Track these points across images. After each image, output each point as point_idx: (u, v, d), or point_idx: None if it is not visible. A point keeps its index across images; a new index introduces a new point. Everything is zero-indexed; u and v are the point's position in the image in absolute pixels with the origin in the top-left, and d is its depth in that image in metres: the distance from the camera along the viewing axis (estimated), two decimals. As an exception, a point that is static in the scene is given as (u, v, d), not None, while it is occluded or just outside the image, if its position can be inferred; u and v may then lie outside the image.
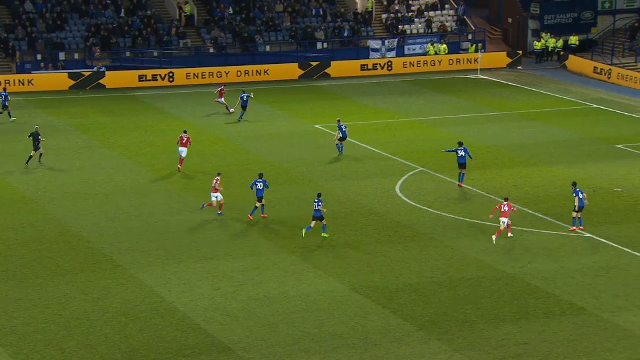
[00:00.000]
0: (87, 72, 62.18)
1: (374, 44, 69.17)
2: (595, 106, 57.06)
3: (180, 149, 42.86)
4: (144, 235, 35.27)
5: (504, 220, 34.17)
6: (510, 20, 74.37)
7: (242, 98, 52.58)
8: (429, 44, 69.52)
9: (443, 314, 28.38)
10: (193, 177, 42.70)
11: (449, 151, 41.45)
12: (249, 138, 49.34)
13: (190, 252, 33.36)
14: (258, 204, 36.59)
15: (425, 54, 69.39)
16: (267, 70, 64.78)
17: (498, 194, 39.63)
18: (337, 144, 45.47)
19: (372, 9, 72.14)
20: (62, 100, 58.74)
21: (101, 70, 62.52)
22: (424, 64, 68.14)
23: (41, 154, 44.09)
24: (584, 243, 34.18)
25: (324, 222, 34.82)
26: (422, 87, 63.10)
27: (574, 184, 35.87)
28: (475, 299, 29.44)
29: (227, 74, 64.16)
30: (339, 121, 46.13)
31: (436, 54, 69.10)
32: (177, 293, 30.06)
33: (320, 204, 34.49)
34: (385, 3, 73.21)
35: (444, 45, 69.46)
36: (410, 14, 72.45)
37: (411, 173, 42.65)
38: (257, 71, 64.63)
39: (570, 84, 63.50)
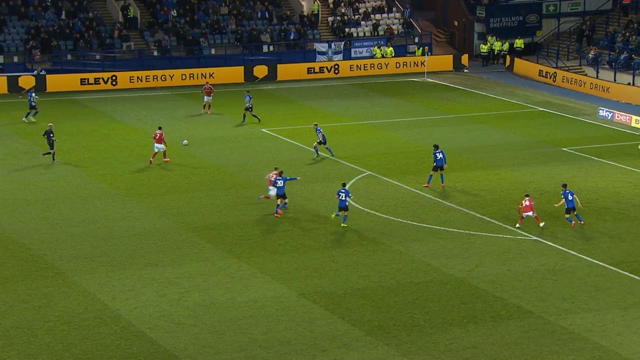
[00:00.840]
0: (25, 75, 61.38)
1: (320, 46, 69.29)
2: (541, 109, 57.77)
3: (156, 145, 44.23)
4: (86, 241, 34.87)
5: (529, 214, 35.47)
6: (456, 23, 75.00)
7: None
8: (376, 47, 69.81)
9: (391, 319, 28.47)
10: (139, 182, 42.35)
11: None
12: (195, 142, 49.06)
13: (134, 258, 33.06)
14: (279, 201, 37.50)
15: (372, 56, 69.67)
16: (213, 73, 64.52)
17: (445, 197, 39.88)
18: (315, 147, 45.92)
19: (317, 11, 72.26)
20: (1, 104, 57.89)
21: (41, 73, 61.74)
22: (371, 66, 68.41)
23: (53, 153, 45.00)
24: (531, 246, 34.54)
25: (347, 213, 35.96)
26: (369, 90, 63.32)
27: (564, 185, 36.80)
28: (423, 303, 29.58)
29: (171, 77, 63.80)
30: (316, 125, 46.18)
31: (383, 56, 69.41)
32: (121, 300, 29.76)
33: (346, 194, 35.94)
34: (332, 6, 73.38)
35: (391, 48, 69.80)
36: (357, 16, 72.70)
37: (358, 177, 42.76)
38: (202, 74, 64.33)
39: (516, 87, 64.21)
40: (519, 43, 70.99)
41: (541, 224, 36.03)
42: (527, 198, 36.03)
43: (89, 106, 57.91)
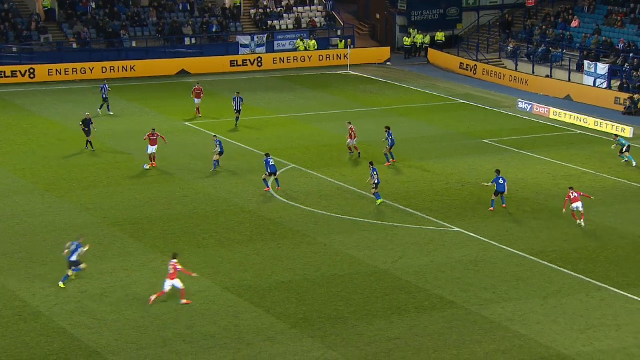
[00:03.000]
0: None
1: (243, 39, 69.01)
2: (462, 101, 58.48)
3: (150, 146, 42.89)
4: (4, 237, 34.22)
5: (577, 205, 35.46)
6: (378, 16, 75.43)
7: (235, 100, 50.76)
8: (298, 40, 69.82)
9: (316, 311, 28.56)
10: (59, 177, 41.68)
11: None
12: (116, 136, 48.49)
13: (55, 254, 32.53)
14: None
15: (295, 49, 69.67)
16: (134, 66, 63.80)
17: (370, 189, 40.13)
18: (215, 160, 42.75)
19: (240, 4, 71.96)
20: None
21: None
22: (294, 59, 68.40)
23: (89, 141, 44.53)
24: (453, 237, 34.98)
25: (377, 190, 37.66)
26: (292, 83, 63.30)
27: (498, 171, 37.81)
28: (347, 296, 29.73)
29: (91, 70, 62.91)
30: (215, 137, 43.71)
31: (306, 49, 69.47)
32: (41, 297, 29.29)
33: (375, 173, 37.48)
34: (254, -2, 73.22)
35: (314, 41, 69.89)
36: (279, 9, 72.59)
37: (282, 170, 42.75)
38: (122, 67, 63.57)
39: (437, 80, 64.87)
40: (440, 36, 71.70)
41: (581, 222, 35.36)
42: (575, 190, 35.84)
43: (6, 99, 56.77)
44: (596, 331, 27.08)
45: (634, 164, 41.00)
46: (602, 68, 59.12)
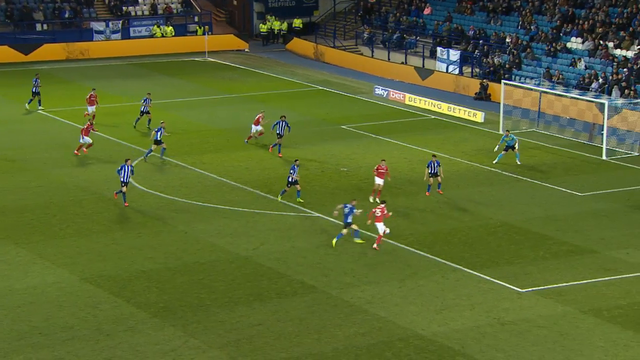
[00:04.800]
0: None
1: (97, 25, 67.56)
2: (320, 87, 58.95)
3: (84, 137, 41.51)
4: None
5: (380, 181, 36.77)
6: (235, 2, 75.12)
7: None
8: (155, 26, 68.87)
9: (177, 300, 28.34)
10: None
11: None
12: (-35, 124, 46.78)
13: None
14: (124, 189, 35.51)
15: (152, 36, 68.69)
16: (-18, 52, 61.65)
17: (230, 177, 40.02)
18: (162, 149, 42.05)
19: (94, -11, 70.45)
20: None
21: None
22: (151, 46, 67.43)
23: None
24: (313, 223, 35.28)
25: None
26: (149, 70, 62.42)
27: (434, 155, 38.32)
28: (209, 283, 29.62)
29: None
30: (162, 123, 42.72)
31: (163, 36, 68.58)
32: None
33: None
34: (109, -17, 71.75)
35: (170, 27, 69.10)
36: (135, -5, 71.46)
37: (141, 157, 42.13)
38: (-30, 53, 61.38)
39: (296, 66, 65.17)
40: (297, 23, 72.04)
41: None
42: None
43: None
44: (451, 311, 27.84)
45: (519, 162, 41.61)
46: (454, 54, 60.64)
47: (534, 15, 60.64)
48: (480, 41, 60.58)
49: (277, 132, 43.38)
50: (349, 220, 32.49)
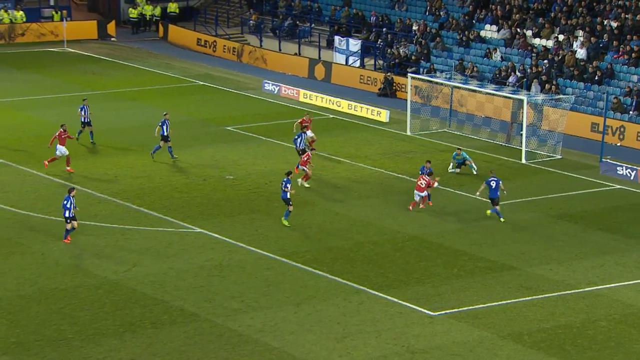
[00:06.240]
0: None
1: None
2: (201, 83, 58.84)
3: (59, 147, 40.92)
4: None
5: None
6: (98, -18, 74.48)
7: None
8: (2, 11, 67.66)
9: (32, 333, 27.92)
10: None
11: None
12: None
13: None
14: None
15: None
16: None
17: (96, 187, 39.60)
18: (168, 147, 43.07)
19: None
20: None
21: None
22: (-1, 34, 66.47)
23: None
24: (195, 240, 35.17)
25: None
26: (-3, 62, 61.50)
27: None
28: (71, 312, 29.27)
29: None
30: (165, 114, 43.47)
31: (12, 22, 67.41)
32: None
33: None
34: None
35: (21, 12, 68.04)
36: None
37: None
38: None
39: (172, 58, 64.92)
40: (172, 7, 71.80)
41: None
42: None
43: None
44: (354, 339, 28.10)
45: (475, 172, 42.06)
46: (354, 44, 61.31)
47: (444, -1, 61.82)
48: (384, 29, 61.41)
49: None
50: (497, 194, 36.82)
